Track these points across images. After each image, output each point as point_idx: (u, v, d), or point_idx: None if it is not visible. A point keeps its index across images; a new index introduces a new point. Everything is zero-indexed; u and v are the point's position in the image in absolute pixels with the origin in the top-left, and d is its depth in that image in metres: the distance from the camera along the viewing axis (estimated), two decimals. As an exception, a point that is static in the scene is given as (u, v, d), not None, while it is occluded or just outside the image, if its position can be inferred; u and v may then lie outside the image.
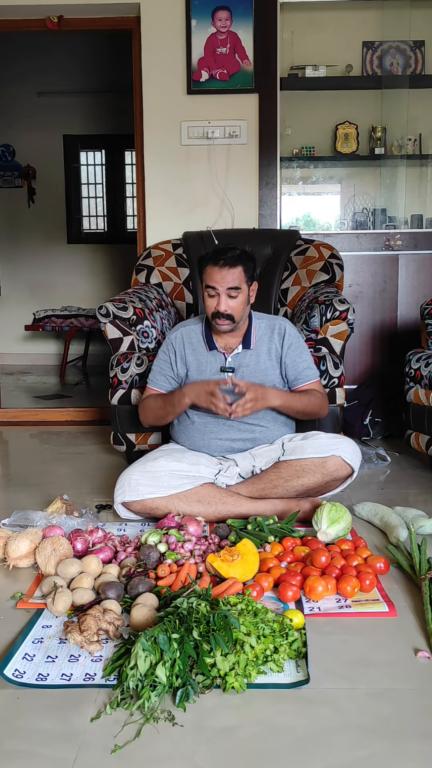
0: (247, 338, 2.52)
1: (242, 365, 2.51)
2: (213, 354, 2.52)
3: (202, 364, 2.52)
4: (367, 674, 1.56)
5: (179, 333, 2.58)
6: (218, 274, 2.39)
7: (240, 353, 2.52)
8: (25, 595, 1.93)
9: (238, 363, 2.51)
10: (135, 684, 1.46)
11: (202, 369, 2.52)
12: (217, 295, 2.40)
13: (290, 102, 4.05)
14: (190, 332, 2.57)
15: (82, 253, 6.80)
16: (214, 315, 2.42)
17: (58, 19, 3.90)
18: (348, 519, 2.20)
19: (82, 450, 3.54)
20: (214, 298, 2.41)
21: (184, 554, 2.06)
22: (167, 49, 3.81)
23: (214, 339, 2.53)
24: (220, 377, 2.49)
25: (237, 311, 2.42)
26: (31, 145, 6.60)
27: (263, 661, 1.55)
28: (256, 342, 2.53)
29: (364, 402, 3.60)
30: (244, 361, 2.51)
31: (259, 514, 2.34)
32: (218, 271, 2.39)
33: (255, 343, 2.53)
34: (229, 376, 2.47)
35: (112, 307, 3.06)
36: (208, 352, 2.52)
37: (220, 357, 2.52)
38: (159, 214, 3.92)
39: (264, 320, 2.58)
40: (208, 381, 2.43)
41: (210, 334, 2.53)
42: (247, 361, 2.51)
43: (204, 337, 2.54)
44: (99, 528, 2.24)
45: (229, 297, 2.39)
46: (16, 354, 6.63)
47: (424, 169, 4.28)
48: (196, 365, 2.53)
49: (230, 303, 2.40)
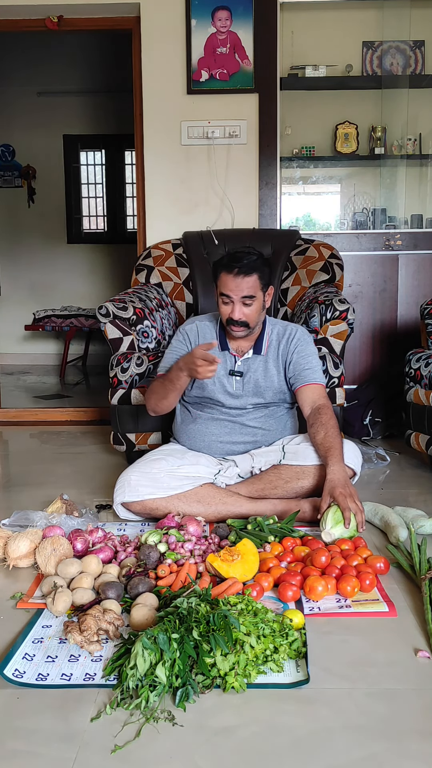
0: (259, 344, 2.51)
1: (250, 370, 2.50)
2: (224, 354, 2.51)
3: None
4: (367, 674, 1.56)
5: (194, 326, 2.57)
6: (232, 282, 2.34)
7: (250, 358, 2.51)
8: (25, 595, 1.93)
9: (247, 367, 2.50)
10: (135, 684, 1.46)
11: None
12: (231, 303, 2.37)
13: (290, 102, 4.05)
14: (205, 328, 2.56)
15: (82, 253, 6.80)
16: (228, 321, 2.40)
17: (58, 19, 3.90)
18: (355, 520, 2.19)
19: (82, 450, 3.54)
20: (228, 305, 2.38)
21: (184, 554, 2.06)
22: (167, 49, 3.81)
23: (227, 340, 2.52)
24: (228, 380, 2.49)
25: (252, 318, 2.40)
26: (31, 145, 6.60)
27: (263, 661, 1.55)
28: (267, 348, 2.52)
29: (364, 402, 3.60)
30: (253, 366, 2.50)
31: (259, 514, 2.34)
32: (233, 279, 2.34)
33: (266, 349, 2.51)
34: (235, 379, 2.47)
35: (112, 307, 3.06)
36: (220, 352, 2.51)
37: (230, 359, 2.51)
38: (159, 214, 3.93)
39: (278, 326, 2.56)
40: (196, 350, 2.31)
41: (224, 334, 2.53)
42: (256, 366, 2.50)
43: (218, 336, 2.53)
44: (99, 528, 2.24)
45: (243, 305, 2.36)
46: (16, 354, 6.63)
47: (424, 169, 4.28)
48: None
49: (245, 311, 2.37)
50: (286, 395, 2.55)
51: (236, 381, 2.49)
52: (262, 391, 2.50)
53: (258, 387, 2.49)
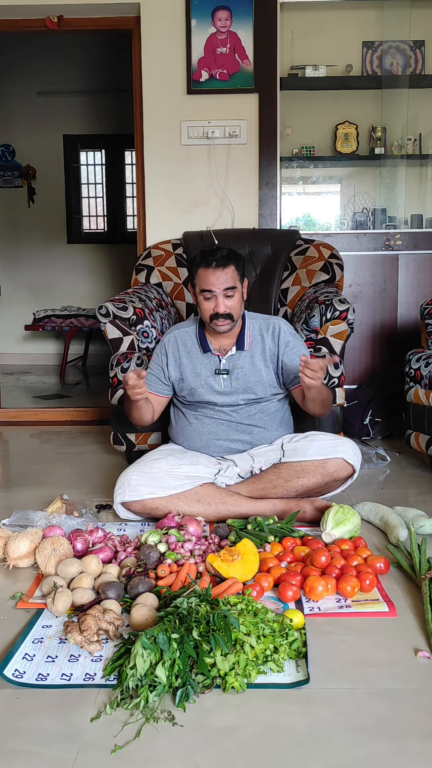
0: (241, 339, 2.51)
1: (236, 367, 2.50)
2: (207, 356, 2.52)
3: (197, 366, 2.52)
4: (367, 674, 1.56)
5: (173, 336, 2.58)
6: (212, 276, 2.38)
7: (234, 355, 2.51)
8: (25, 595, 1.93)
9: (233, 365, 2.51)
10: (135, 684, 1.46)
11: (198, 371, 2.52)
12: (214, 297, 2.39)
13: (290, 102, 4.05)
14: (184, 335, 2.57)
15: (82, 253, 6.80)
16: (212, 317, 2.41)
17: (58, 19, 3.90)
18: (355, 522, 2.19)
19: (82, 450, 3.54)
20: (210, 301, 2.40)
21: (184, 554, 2.06)
22: (167, 49, 3.81)
23: (208, 341, 2.52)
24: (215, 380, 2.50)
25: (235, 310, 2.42)
26: (31, 145, 6.60)
27: (263, 661, 1.55)
28: (250, 343, 2.52)
29: (364, 402, 3.60)
30: (239, 363, 2.51)
31: (259, 514, 2.34)
32: (212, 273, 2.38)
33: (249, 344, 2.52)
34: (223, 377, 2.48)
35: (112, 307, 3.06)
36: (202, 355, 2.52)
37: (214, 359, 2.52)
38: (159, 214, 3.92)
39: (258, 320, 2.57)
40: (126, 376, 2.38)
41: (204, 336, 2.53)
42: (242, 363, 2.51)
43: (198, 339, 2.54)
44: (99, 528, 2.24)
45: (226, 297, 2.39)
46: (16, 354, 6.63)
47: (424, 169, 4.28)
48: (191, 368, 2.52)
49: (228, 303, 2.39)
50: (276, 387, 2.55)
51: (224, 379, 2.50)
52: (251, 386, 2.50)
53: (247, 383, 2.49)
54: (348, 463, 2.40)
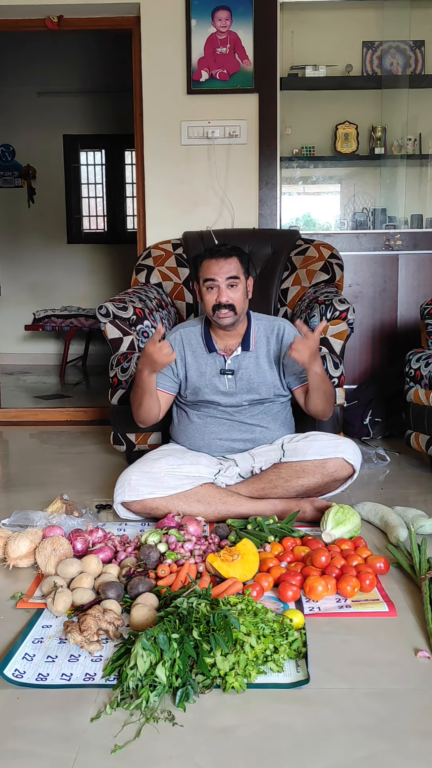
0: (246, 340, 2.52)
1: (241, 367, 2.51)
2: (213, 356, 2.52)
3: (201, 366, 2.52)
4: (367, 674, 1.56)
5: (178, 334, 2.58)
6: (215, 265, 2.41)
7: (239, 355, 2.51)
8: (25, 595, 1.93)
9: (238, 365, 2.51)
10: (135, 684, 1.46)
11: (202, 371, 2.52)
12: (216, 287, 2.40)
13: (290, 102, 4.05)
14: (189, 334, 2.57)
15: (82, 253, 6.80)
16: (215, 308, 2.42)
17: (58, 19, 3.90)
18: (356, 522, 2.19)
19: (82, 450, 3.54)
20: (213, 291, 2.41)
21: (184, 554, 2.06)
22: (167, 49, 3.81)
23: (213, 341, 2.52)
24: (220, 380, 2.50)
25: (238, 302, 2.42)
26: (31, 145, 6.60)
27: (263, 661, 1.55)
28: (255, 343, 2.53)
29: (364, 402, 3.60)
30: (244, 363, 2.51)
31: (259, 514, 2.34)
32: (215, 262, 2.41)
33: (254, 345, 2.52)
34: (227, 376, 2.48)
35: (112, 307, 3.06)
36: (207, 354, 2.52)
37: (219, 359, 2.52)
38: (159, 214, 3.93)
39: (263, 321, 2.58)
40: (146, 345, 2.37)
41: (209, 336, 2.53)
42: (246, 363, 2.51)
43: (203, 338, 2.54)
44: (99, 528, 2.24)
45: (228, 287, 2.40)
46: (16, 354, 6.62)
47: (424, 169, 4.28)
48: (196, 367, 2.52)
49: (230, 294, 2.41)
50: (280, 389, 2.55)
51: (228, 379, 2.50)
52: (255, 387, 2.50)
53: (251, 383, 2.50)
54: (348, 463, 2.40)
